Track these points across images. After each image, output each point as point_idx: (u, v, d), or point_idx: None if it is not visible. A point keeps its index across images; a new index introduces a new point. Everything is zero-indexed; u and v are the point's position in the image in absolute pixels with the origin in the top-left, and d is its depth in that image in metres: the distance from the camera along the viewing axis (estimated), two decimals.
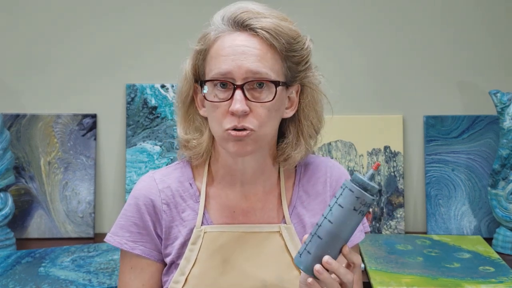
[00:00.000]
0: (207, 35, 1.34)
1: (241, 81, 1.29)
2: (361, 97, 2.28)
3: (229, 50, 1.30)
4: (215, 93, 1.31)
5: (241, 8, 1.33)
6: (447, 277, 1.83)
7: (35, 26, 2.23)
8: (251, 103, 1.29)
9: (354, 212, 1.18)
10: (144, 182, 1.43)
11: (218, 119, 1.31)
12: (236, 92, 1.28)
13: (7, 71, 2.25)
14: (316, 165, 1.46)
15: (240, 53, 1.29)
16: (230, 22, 1.32)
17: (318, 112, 1.41)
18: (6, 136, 2.08)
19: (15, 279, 1.81)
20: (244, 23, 1.31)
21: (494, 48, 2.29)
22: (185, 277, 1.36)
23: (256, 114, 1.30)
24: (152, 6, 2.25)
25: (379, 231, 2.24)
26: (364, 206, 1.18)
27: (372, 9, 2.27)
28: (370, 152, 2.26)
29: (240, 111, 1.27)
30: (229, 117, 1.29)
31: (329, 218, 1.19)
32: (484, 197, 2.25)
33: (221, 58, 1.30)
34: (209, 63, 1.33)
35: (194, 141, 1.39)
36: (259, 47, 1.30)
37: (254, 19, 1.31)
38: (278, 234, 1.39)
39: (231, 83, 1.29)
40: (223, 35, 1.32)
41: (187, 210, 1.40)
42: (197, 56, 1.36)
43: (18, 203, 2.19)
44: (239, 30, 1.31)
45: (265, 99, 1.30)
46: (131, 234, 1.40)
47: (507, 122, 2.10)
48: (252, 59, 1.29)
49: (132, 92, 2.24)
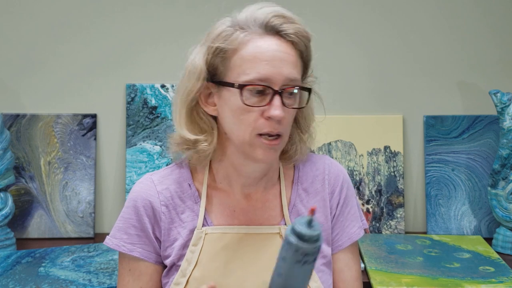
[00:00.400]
0: (230, 33, 1.31)
1: (279, 87, 1.29)
2: (361, 97, 2.28)
3: (268, 54, 1.29)
4: (247, 96, 1.29)
5: (273, 11, 1.32)
6: (447, 277, 1.83)
7: (35, 26, 2.23)
8: (285, 109, 1.30)
9: (298, 264, 1.11)
10: (142, 184, 1.42)
11: (249, 123, 1.29)
12: (275, 97, 1.28)
13: (7, 71, 2.25)
14: (314, 163, 1.47)
15: (279, 59, 1.29)
16: (262, 25, 1.31)
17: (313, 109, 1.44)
18: (6, 136, 2.08)
19: (15, 279, 1.81)
20: (278, 29, 1.31)
21: (494, 48, 2.29)
22: (186, 278, 1.35)
23: (286, 120, 1.31)
24: (152, 6, 2.24)
25: (379, 231, 2.24)
26: (307, 256, 1.11)
27: (372, 9, 2.27)
28: (370, 152, 2.26)
29: (280, 117, 1.28)
30: (263, 122, 1.29)
31: (277, 271, 1.14)
32: (484, 197, 2.25)
33: (260, 63, 1.29)
34: (239, 65, 1.30)
35: (204, 143, 1.36)
36: (293, 54, 1.32)
37: (287, 24, 1.31)
38: (279, 235, 1.39)
39: (269, 87, 1.29)
40: (255, 37, 1.30)
41: (186, 211, 1.40)
42: (215, 53, 1.32)
43: (18, 203, 2.19)
44: (272, 34, 1.31)
45: (295, 105, 1.32)
46: (129, 236, 1.40)
47: (507, 122, 2.10)
48: (290, 66, 1.30)
49: (132, 92, 2.24)
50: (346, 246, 1.45)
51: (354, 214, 1.47)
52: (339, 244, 1.45)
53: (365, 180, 2.25)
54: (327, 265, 1.42)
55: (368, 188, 2.25)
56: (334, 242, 1.45)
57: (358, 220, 1.48)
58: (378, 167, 2.26)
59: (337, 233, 1.45)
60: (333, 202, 1.45)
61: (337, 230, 1.45)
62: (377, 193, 2.25)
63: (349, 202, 1.47)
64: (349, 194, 1.47)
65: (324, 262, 1.41)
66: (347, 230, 1.45)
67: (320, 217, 1.43)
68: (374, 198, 2.25)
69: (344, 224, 1.45)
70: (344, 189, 1.46)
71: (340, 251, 1.45)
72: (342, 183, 1.46)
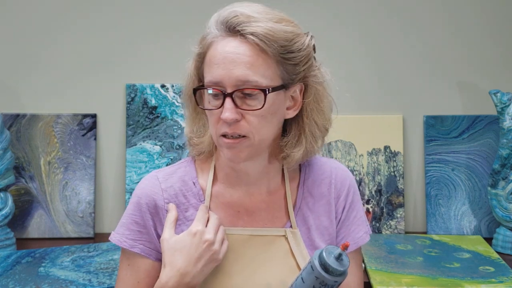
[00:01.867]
0: (204, 39, 1.33)
1: (231, 89, 1.28)
2: (361, 97, 2.28)
3: (219, 58, 1.28)
4: (209, 100, 1.31)
5: (233, 12, 1.30)
6: (447, 277, 1.83)
7: (35, 26, 2.23)
8: (243, 110, 1.29)
9: None
10: (147, 181, 1.42)
11: (213, 125, 1.31)
12: (226, 100, 1.28)
13: (7, 71, 2.25)
14: (320, 167, 1.46)
15: (230, 61, 1.27)
16: (222, 27, 1.30)
17: (324, 110, 1.39)
18: (6, 136, 2.08)
19: (15, 279, 1.81)
20: (236, 28, 1.28)
21: (494, 48, 2.29)
22: None
23: (248, 121, 1.29)
24: (152, 6, 2.24)
25: (379, 231, 2.24)
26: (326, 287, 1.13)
27: (372, 9, 2.27)
28: (370, 152, 2.26)
29: (229, 120, 1.27)
30: (222, 123, 1.29)
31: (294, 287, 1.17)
32: (484, 197, 2.25)
33: (213, 66, 1.29)
34: (204, 69, 1.33)
35: (195, 139, 1.40)
36: (249, 54, 1.28)
37: (245, 24, 1.28)
38: (284, 238, 1.39)
39: (221, 91, 1.29)
40: (216, 40, 1.30)
41: (190, 209, 1.40)
42: (197, 58, 1.35)
43: (18, 203, 2.19)
44: (231, 35, 1.29)
45: (255, 107, 1.29)
46: (131, 232, 1.40)
47: (507, 122, 2.10)
48: (242, 67, 1.27)
49: (132, 92, 2.24)
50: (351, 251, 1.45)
51: (360, 219, 1.46)
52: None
53: (365, 180, 2.25)
54: None
55: (368, 188, 2.25)
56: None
57: (364, 225, 1.46)
58: (378, 167, 2.26)
59: (342, 237, 1.44)
60: (338, 206, 1.44)
61: (342, 235, 1.44)
62: (377, 193, 2.25)
63: (355, 207, 1.46)
64: (355, 199, 1.46)
65: None
66: (353, 235, 1.44)
67: (324, 221, 1.42)
68: (374, 198, 2.25)
69: (350, 229, 1.44)
70: (351, 194, 1.45)
71: None
72: (348, 188, 1.45)
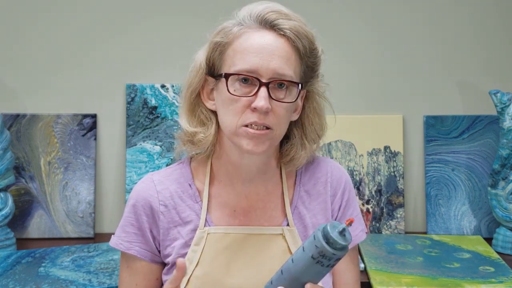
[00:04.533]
0: (229, 29, 1.34)
1: (267, 79, 1.29)
2: (361, 97, 2.28)
3: (257, 47, 1.30)
4: (236, 87, 1.31)
5: (269, 7, 1.34)
6: (447, 277, 1.83)
7: (35, 26, 2.23)
8: (273, 102, 1.30)
9: (312, 260, 1.15)
10: (143, 184, 1.43)
11: (236, 113, 1.31)
12: (262, 89, 1.29)
13: (7, 71, 2.25)
14: (317, 165, 1.47)
15: (269, 52, 1.30)
16: (258, 19, 1.33)
17: (322, 118, 1.43)
18: (6, 136, 2.08)
19: (15, 279, 1.81)
20: (273, 23, 1.32)
21: (494, 48, 2.29)
22: (187, 277, 1.36)
23: (276, 114, 1.30)
24: (152, 6, 2.24)
25: (379, 231, 2.24)
26: (323, 258, 1.14)
27: (371, 9, 2.27)
28: (370, 152, 2.26)
29: (265, 108, 1.28)
30: (249, 112, 1.29)
31: (293, 257, 1.18)
32: (484, 197, 2.25)
33: (249, 54, 1.30)
34: (231, 57, 1.32)
35: (201, 135, 1.38)
36: (286, 49, 1.31)
37: (283, 19, 1.32)
38: (281, 236, 1.39)
39: (256, 79, 1.29)
40: (249, 31, 1.32)
41: (186, 210, 1.40)
42: (214, 47, 1.35)
43: (18, 203, 2.19)
44: (267, 28, 1.32)
45: (286, 100, 1.31)
46: (127, 235, 1.42)
47: (507, 122, 2.10)
48: (280, 60, 1.30)
49: (132, 92, 2.24)
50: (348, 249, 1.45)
51: (357, 217, 1.47)
52: None
53: (365, 180, 2.25)
54: None
55: (368, 188, 2.25)
56: None
57: (361, 223, 1.48)
58: (378, 167, 2.26)
59: None
60: (335, 205, 1.45)
61: None
62: (377, 193, 2.25)
63: (351, 205, 1.47)
64: (351, 197, 1.47)
65: None
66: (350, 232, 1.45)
67: (321, 220, 1.43)
68: (374, 198, 2.25)
69: None
70: (346, 192, 1.47)
71: None
72: (344, 186, 1.46)
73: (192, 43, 1.42)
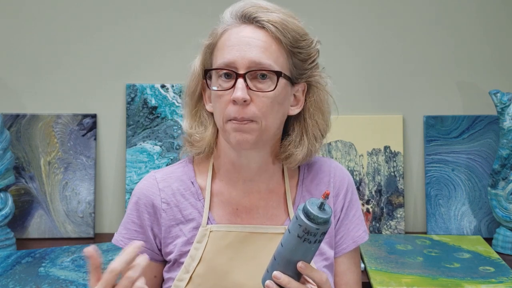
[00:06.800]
0: (215, 30, 1.37)
1: (244, 70, 1.30)
2: (361, 97, 2.28)
3: (234, 41, 1.32)
4: (219, 83, 1.33)
5: (249, 3, 1.36)
6: (447, 277, 1.83)
7: (35, 26, 2.23)
8: (253, 93, 1.30)
9: (299, 239, 1.17)
10: (145, 181, 1.44)
11: (221, 109, 1.32)
12: (238, 80, 1.30)
13: (7, 71, 2.25)
14: (320, 166, 1.47)
15: (245, 43, 1.31)
16: (237, 16, 1.35)
17: (324, 112, 1.42)
18: (6, 136, 2.08)
19: (15, 279, 1.81)
20: (251, 16, 1.33)
21: (494, 48, 2.29)
22: (189, 275, 1.36)
23: (258, 104, 1.30)
24: (152, 6, 2.24)
25: (379, 231, 2.24)
26: (309, 235, 1.17)
27: (371, 9, 2.27)
28: (370, 152, 2.26)
29: (241, 98, 1.28)
30: (231, 106, 1.30)
31: (281, 241, 1.21)
32: (484, 197, 2.25)
33: (226, 49, 1.32)
34: (215, 56, 1.35)
35: (197, 135, 1.40)
36: (264, 39, 1.32)
37: (261, 12, 1.33)
38: None
39: (234, 72, 1.31)
40: (230, 28, 1.34)
41: (188, 208, 1.41)
42: (205, 50, 1.38)
43: (18, 203, 2.19)
44: (246, 23, 1.34)
45: (267, 89, 1.31)
46: (127, 231, 1.42)
47: (507, 122, 2.10)
48: (256, 50, 1.31)
49: (132, 92, 2.24)
50: (350, 250, 1.45)
51: (359, 218, 1.47)
52: (343, 248, 1.45)
53: (365, 180, 2.25)
54: (329, 268, 1.42)
55: (368, 188, 2.25)
56: (338, 245, 1.45)
57: (363, 224, 1.47)
58: (378, 167, 2.26)
59: (341, 236, 1.45)
60: (337, 205, 1.45)
61: (341, 233, 1.45)
62: (377, 193, 2.25)
63: (354, 205, 1.47)
64: (353, 198, 1.47)
65: (326, 264, 1.41)
66: (352, 233, 1.45)
67: None
68: (374, 198, 2.25)
69: (349, 228, 1.45)
70: (349, 193, 1.46)
71: (344, 254, 1.45)
72: (347, 187, 1.46)
73: (193, 43, 1.43)
